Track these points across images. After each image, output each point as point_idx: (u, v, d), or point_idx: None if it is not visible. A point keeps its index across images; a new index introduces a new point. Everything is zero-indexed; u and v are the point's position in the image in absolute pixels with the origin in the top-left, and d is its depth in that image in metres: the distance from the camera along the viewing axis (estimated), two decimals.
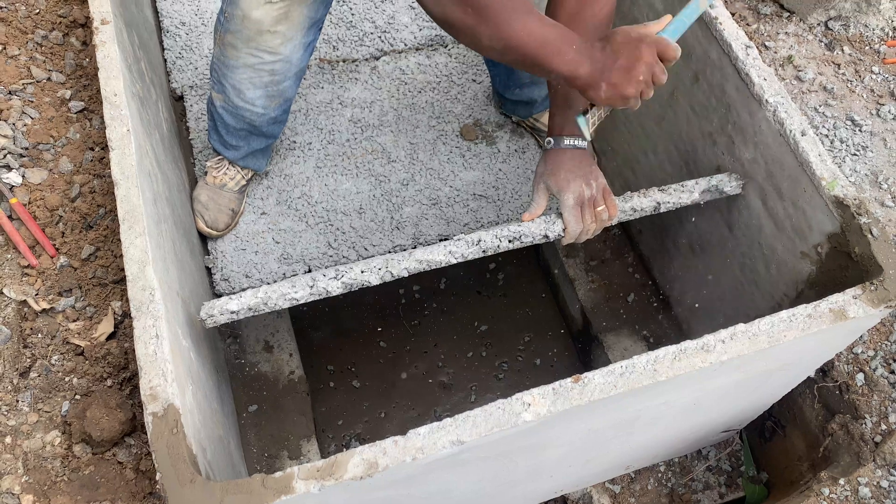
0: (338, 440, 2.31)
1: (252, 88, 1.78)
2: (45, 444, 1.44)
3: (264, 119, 1.88)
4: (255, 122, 1.88)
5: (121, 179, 1.43)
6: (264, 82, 1.76)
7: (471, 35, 1.24)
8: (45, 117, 1.87)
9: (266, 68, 1.73)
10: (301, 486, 1.12)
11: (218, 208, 2.07)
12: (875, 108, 2.13)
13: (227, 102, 1.83)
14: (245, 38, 1.67)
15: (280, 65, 1.73)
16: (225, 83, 1.79)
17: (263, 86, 1.77)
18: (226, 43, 1.70)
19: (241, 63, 1.72)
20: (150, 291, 1.30)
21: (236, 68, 1.74)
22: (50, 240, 1.69)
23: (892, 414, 1.65)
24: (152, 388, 1.21)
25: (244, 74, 1.74)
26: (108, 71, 1.58)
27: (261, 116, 1.86)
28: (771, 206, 1.66)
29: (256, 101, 1.81)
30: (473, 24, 1.22)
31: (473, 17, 1.21)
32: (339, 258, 2.12)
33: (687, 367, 1.24)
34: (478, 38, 1.23)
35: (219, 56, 1.76)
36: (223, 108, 1.87)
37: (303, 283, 1.52)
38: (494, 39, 1.23)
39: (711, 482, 1.98)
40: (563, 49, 1.24)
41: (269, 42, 1.67)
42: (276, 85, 1.78)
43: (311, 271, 2.09)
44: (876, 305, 1.34)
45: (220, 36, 1.72)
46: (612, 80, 1.24)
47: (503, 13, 1.21)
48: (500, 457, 1.34)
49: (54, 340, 1.57)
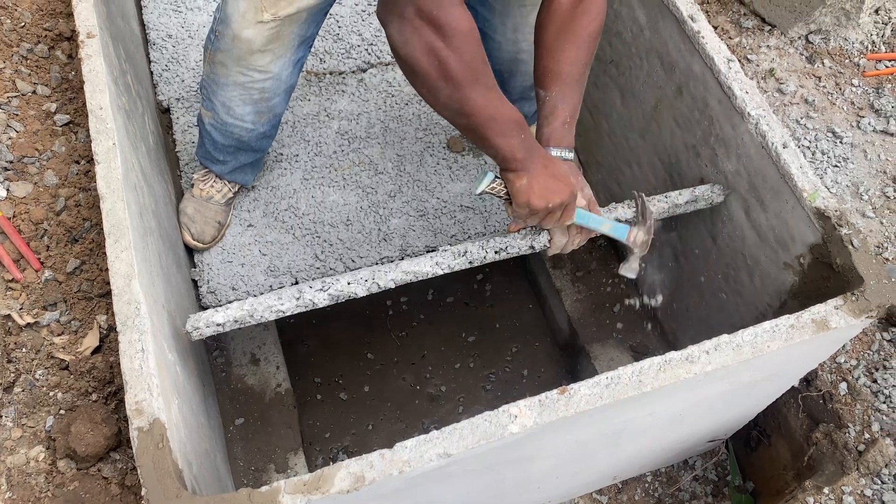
0: (325, 453, 2.30)
1: (241, 105, 1.78)
2: (28, 459, 1.43)
3: (253, 135, 1.88)
4: (243, 137, 1.89)
5: (106, 193, 1.42)
6: (254, 99, 1.77)
7: (429, 87, 1.21)
8: (30, 130, 1.87)
9: (256, 86, 1.74)
10: (288, 500, 1.11)
11: (204, 221, 2.06)
12: (855, 120, 2.16)
13: (216, 119, 1.84)
14: (235, 58, 1.67)
15: (270, 83, 1.74)
16: (214, 100, 1.79)
17: (253, 102, 1.78)
18: (216, 61, 1.71)
19: (231, 81, 1.73)
20: (136, 305, 1.30)
21: (226, 86, 1.74)
22: (35, 253, 1.68)
23: (874, 423, 1.66)
24: (138, 402, 1.20)
25: (234, 92, 1.75)
26: (93, 84, 1.58)
27: (250, 132, 1.87)
28: (754, 217, 1.68)
29: (246, 117, 1.81)
30: (436, 77, 1.19)
31: (438, 70, 1.18)
32: (327, 270, 2.12)
33: (672, 378, 1.25)
34: (435, 92, 1.21)
35: (208, 74, 1.76)
36: (212, 125, 1.87)
37: (289, 295, 1.52)
38: (452, 100, 1.21)
39: (698, 492, 1.99)
40: (511, 132, 1.28)
41: (260, 61, 1.67)
42: (265, 102, 1.79)
43: (298, 283, 2.09)
44: (857, 316, 1.36)
45: (210, 54, 1.72)
46: (534, 182, 1.33)
47: (468, 77, 1.20)
48: (487, 469, 1.34)
49: (39, 355, 1.56)
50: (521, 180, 1.33)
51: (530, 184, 1.33)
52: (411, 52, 1.17)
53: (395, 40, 1.18)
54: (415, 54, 1.17)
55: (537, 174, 1.33)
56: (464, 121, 1.25)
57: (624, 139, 2.15)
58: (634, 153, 2.11)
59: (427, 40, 1.15)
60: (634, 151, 2.11)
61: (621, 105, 2.12)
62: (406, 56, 1.18)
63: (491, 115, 1.25)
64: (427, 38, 1.15)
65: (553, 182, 1.35)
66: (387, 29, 1.19)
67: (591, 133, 2.33)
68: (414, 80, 1.22)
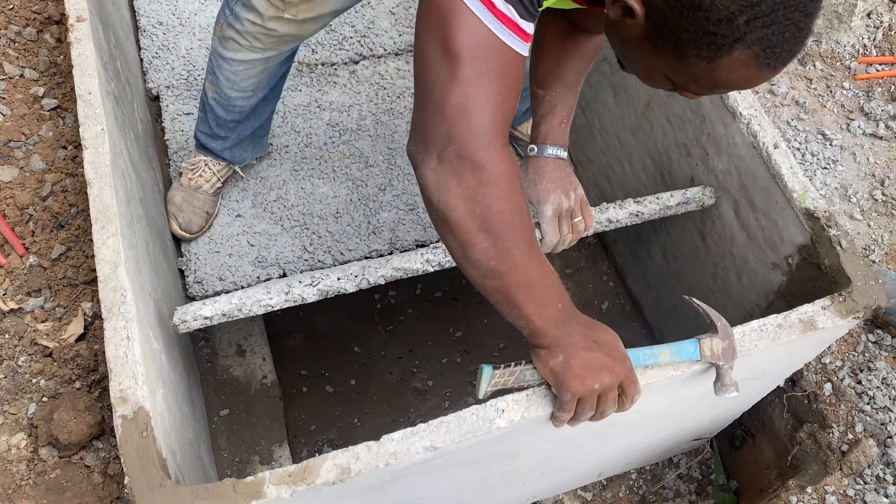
0: (310, 446, 2.29)
1: (246, 79, 1.78)
2: (10, 446, 1.41)
3: (254, 100, 1.88)
4: (245, 108, 1.88)
5: (94, 179, 1.41)
6: (258, 70, 1.77)
7: (463, 240, 1.02)
8: (16, 114, 1.84)
9: (262, 64, 1.75)
10: (273, 490, 1.10)
11: (192, 210, 2.05)
12: (845, 122, 2.17)
13: (220, 94, 1.82)
14: (250, 37, 1.66)
15: (276, 58, 1.75)
16: (219, 75, 1.78)
17: (257, 74, 1.78)
18: (226, 37, 1.69)
19: (239, 58, 1.72)
20: (122, 293, 1.28)
21: (233, 61, 1.73)
22: (19, 239, 1.66)
23: (858, 423, 1.67)
24: (122, 390, 1.19)
25: (239, 67, 1.74)
26: (82, 69, 1.56)
27: (250, 99, 1.86)
28: (743, 217, 1.68)
29: (248, 88, 1.81)
30: (473, 229, 1.01)
31: (477, 221, 1.00)
32: (315, 262, 2.11)
33: (659, 376, 1.25)
34: (469, 246, 1.02)
35: (216, 47, 1.75)
36: (215, 99, 1.85)
37: (278, 289, 1.51)
38: (488, 255, 1.02)
39: (682, 490, 2.00)
40: (548, 300, 1.07)
41: (274, 43, 1.67)
42: (267, 71, 1.79)
43: (286, 275, 2.08)
44: (844, 316, 1.37)
45: (222, 29, 1.69)
46: (573, 361, 1.08)
47: (511, 230, 1.02)
48: (473, 463, 1.34)
49: (22, 341, 1.54)
50: (554, 359, 1.09)
51: (567, 363, 1.08)
52: (447, 198, 1.00)
53: (428, 182, 1.01)
54: (452, 201, 1.00)
55: (576, 349, 1.08)
56: (495, 283, 1.04)
57: (615, 137, 2.15)
58: (626, 151, 2.11)
59: (468, 186, 0.99)
60: (626, 149, 2.11)
61: (613, 103, 2.12)
62: (440, 202, 1.01)
63: (529, 278, 1.05)
64: (468, 183, 0.99)
65: (597, 357, 1.09)
66: (419, 169, 1.02)
67: (582, 130, 2.33)
68: (445, 230, 1.04)
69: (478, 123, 0.98)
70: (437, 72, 0.98)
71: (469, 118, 0.98)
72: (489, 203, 1.00)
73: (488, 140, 0.99)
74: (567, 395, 1.10)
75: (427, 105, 1.00)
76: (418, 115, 1.02)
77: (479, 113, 0.98)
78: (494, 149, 1.00)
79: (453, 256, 1.06)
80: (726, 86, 0.97)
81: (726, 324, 1.27)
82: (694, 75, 0.96)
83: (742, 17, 0.87)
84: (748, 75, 0.93)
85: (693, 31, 0.90)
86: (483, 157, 0.99)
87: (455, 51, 0.96)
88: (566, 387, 1.09)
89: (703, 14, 0.88)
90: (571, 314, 1.10)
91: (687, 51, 0.93)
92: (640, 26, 0.96)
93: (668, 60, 0.97)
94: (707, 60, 0.92)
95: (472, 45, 0.96)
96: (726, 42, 0.89)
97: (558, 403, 1.14)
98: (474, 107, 0.98)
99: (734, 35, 0.88)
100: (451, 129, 0.98)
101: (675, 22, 0.91)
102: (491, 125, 0.99)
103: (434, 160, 1.00)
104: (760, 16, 0.87)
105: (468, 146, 0.98)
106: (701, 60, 0.93)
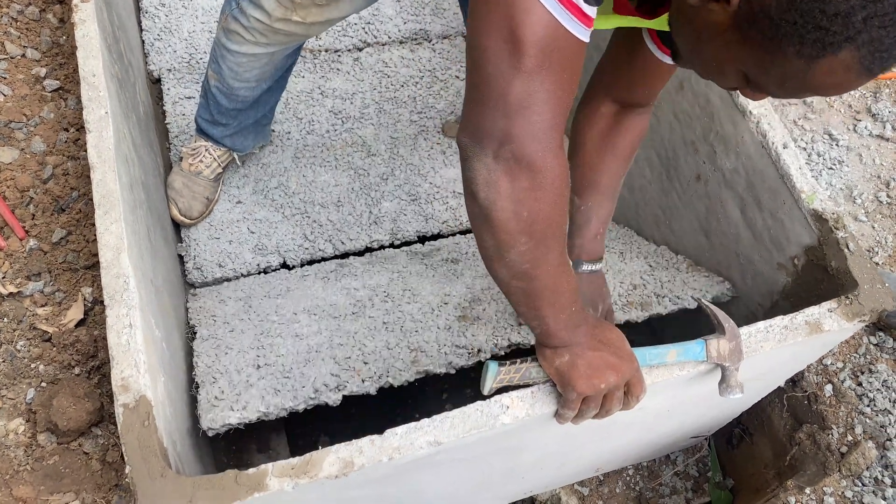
0: (308, 436, 2.29)
1: (250, 70, 1.75)
2: (8, 431, 1.40)
3: (258, 91, 1.85)
4: (248, 97, 1.86)
5: (97, 163, 1.39)
6: (262, 63, 1.74)
7: (502, 240, 0.99)
8: (17, 95, 1.82)
9: (267, 58, 1.72)
10: (275, 483, 1.10)
11: (192, 195, 2.03)
12: (852, 123, 2.16)
13: (222, 83, 1.80)
14: (255, 33, 1.63)
15: (282, 52, 1.73)
16: (222, 64, 1.76)
17: (261, 66, 1.75)
18: (231, 30, 1.66)
19: (243, 51, 1.69)
20: (125, 279, 1.27)
21: (237, 53, 1.70)
22: (20, 221, 1.64)
23: (858, 425, 1.67)
24: (124, 378, 1.18)
25: (242, 59, 1.71)
26: (86, 50, 1.54)
27: (254, 90, 1.84)
28: (750, 216, 1.68)
29: (252, 80, 1.79)
30: (517, 230, 0.98)
31: (523, 223, 0.97)
32: (315, 251, 2.10)
33: (664, 375, 1.25)
34: (508, 247, 0.99)
35: (220, 39, 1.72)
36: (217, 88, 1.83)
37: (303, 395, 1.53)
38: (524, 258, 1.00)
39: (678, 487, 2.00)
40: (565, 305, 1.06)
41: (281, 39, 1.65)
42: (272, 64, 1.76)
43: (285, 263, 2.07)
44: (850, 319, 1.36)
45: (226, 20, 1.66)
46: (579, 361, 1.08)
47: (553, 235, 1.01)
48: (476, 458, 1.34)
49: (21, 325, 1.52)
50: (561, 358, 1.09)
51: (573, 362, 1.08)
52: (496, 197, 0.96)
53: (477, 178, 0.97)
54: (500, 201, 0.96)
55: (583, 348, 1.09)
56: (523, 284, 1.03)
57: None
58: None
59: (520, 188, 0.95)
60: None
61: None
62: (487, 200, 0.97)
63: (556, 283, 1.04)
64: (521, 185, 0.95)
65: (603, 357, 1.09)
66: (470, 162, 0.97)
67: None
68: (484, 227, 1.00)
69: (538, 122, 0.94)
70: (497, 65, 0.92)
71: (530, 116, 0.94)
72: (539, 208, 0.97)
73: (547, 141, 0.95)
74: (572, 394, 1.10)
75: (485, 99, 0.95)
76: (474, 108, 0.97)
77: (539, 110, 0.94)
78: (552, 151, 0.96)
79: (484, 254, 1.03)
80: (816, 89, 0.89)
81: (734, 325, 1.26)
82: (783, 74, 0.88)
83: (860, 13, 0.78)
84: (845, 80, 0.85)
85: (801, 25, 0.81)
86: (540, 160, 0.95)
87: (520, 41, 0.90)
88: (572, 386, 1.09)
89: (818, 6, 0.79)
90: (582, 316, 1.09)
91: (785, 46, 0.84)
92: (728, 13, 0.87)
93: (756, 55, 0.88)
94: (807, 59, 0.83)
95: (538, 35, 0.90)
96: (837, 40, 0.81)
97: (563, 401, 1.13)
98: (536, 103, 0.93)
99: (847, 33, 0.80)
100: (510, 127, 0.94)
101: (780, 13, 0.82)
102: (551, 123, 0.95)
103: (489, 157, 0.95)
104: (880, 14, 0.78)
105: (526, 147, 0.94)
106: (799, 58, 0.84)
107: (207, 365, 1.68)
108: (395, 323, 1.71)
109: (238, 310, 1.86)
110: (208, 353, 1.71)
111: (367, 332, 1.69)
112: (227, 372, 1.62)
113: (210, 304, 1.91)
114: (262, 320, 1.81)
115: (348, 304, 1.82)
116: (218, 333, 1.78)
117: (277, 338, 1.73)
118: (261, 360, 1.66)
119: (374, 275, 1.98)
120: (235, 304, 1.89)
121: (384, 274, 1.97)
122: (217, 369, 1.65)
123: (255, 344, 1.72)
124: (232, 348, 1.71)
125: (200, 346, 1.73)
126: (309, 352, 1.66)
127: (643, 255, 1.97)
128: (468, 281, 1.86)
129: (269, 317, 1.83)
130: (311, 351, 1.66)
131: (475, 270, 1.93)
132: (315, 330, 1.73)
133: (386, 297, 1.83)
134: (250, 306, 1.87)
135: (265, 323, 1.79)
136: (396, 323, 1.71)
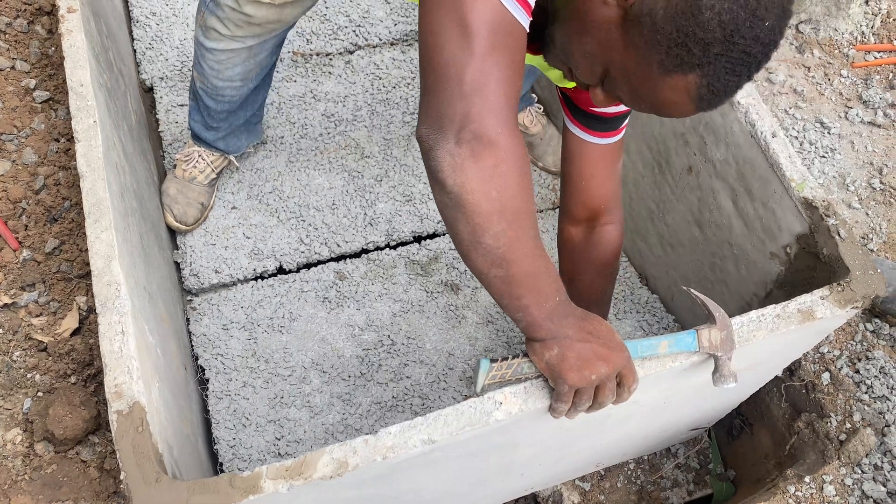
0: None
1: (231, 67, 1.75)
2: (5, 442, 1.41)
3: (244, 91, 1.85)
4: (234, 98, 1.86)
5: (87, 172, 1.40)
6: (242, 58, 1.74)
7: (476, 224, 0.99)
8: (8, 107, 1.83)
9: (245, 53, 1.72)
10: (270, 485, 1.10)
11: (187, 202, 2.03)
12: (843, 111, 2.16)
13: (206, 84, 1.80)
14: (231, 25, 1.64)
15: (259, 46, 1.72)
16: (203, 64, 1.76)
17: (242, 62, 1.75)
18: (208, 26, 1.67)
19: (221, 48, 1.69)
20: (116, 287, 1.27)
21: (216, 51, 1.71)
22: (13, 232, 1.65)
23: (856, 413, 1.67)
24: (117, 385, 1.18)
25: (222, 56, 1.72)
26: (74, 60, 1.55)
27: (240, 89, 1.84)
28: (741, 206, 1.68)
29: (235, 78, 1.79)
30: (489, 211, 0.98)
31: (494, 202, 0.98)
32: (311, 254, 2.10)
33: (657, 367, 1.25)
34: (482, 230, 0.99)
35: (199, 37, 1.72)
36: (202, 90, 1.83)
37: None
38: (499, 241, 1.00)
39: (680, 479, 2.00)
40: (548, 293, 1.06)
41: (256, 31, 1.65)
42: (253, 58, 1.76)
43: (281, 267, 2.07)
44: (843, 306, 1.36)
45: (203, 17, 1.67)
46: (568, 352, 1.07)
47: (524, 214, 1.01)
48: (471, 455, 1.34)
49: (16, 336, 1.53)
50: (550, 351, 1.08)
51: (563, 354, 1.07)
52: (464, 180, 0.96)
53: (443, 166, 0.97)
54: (468, 183, 0.96)
55: (571, 340, 1.07)
56: (501, 272, 1.02)
57: None
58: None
59: (485, 166, 0.96)
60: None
61: None
62: (456, 185, 0.97)
63: (533, 268, 1.03)
64: (486, 163, 0.96)
65: (593, 348, 1.08)
66: (433, 152, 0.97)
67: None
68: (457, 214, 1.00)
69: (494, 101, 0.96)
70: (451, 50, 0.95)
71: (487, 96, 0.95)
72: (505, 184, 0.98)
73: (504, 118, 0.97)
74: (564, 386, 1.09)
75: (441, 85, 0.96)
76: (431, 97, 0.98)
77: (494, 89, 0.96)
78: (508, 127, 0.98)
79: (460, 246, 1.03)
80: (659, 104, 0.99)
81: (724, 314, 1.26)
82: (641, 80, 0.97)
83: (717, 48, 0.88)
84: (682, 102, 0.95)
85: (673, 38, 0.90)
86: (499, 136, 0.96)
87: (470, 25, 0.94)
88: (563, 378, 1.08)
89: (692, 27, 0.88)
90: (568, 308, 1.09)
91: (654, 54, 0.92)
92: (619, 12, 0.95)
93: (628, 56, 0.96)
94: (663, 71, 0.93)
95: (486, 19, 0.94)
96: (691, 62, 0.90)
97: (556, 395, 1.13)
98: (490, 83, 0.96)
99: (700, 59, 0.90)
100: (469, 107, 0.95)
101: (663, 21, 0.90)
102: (505, 102, 0.97)
103: (451, 142, 0.96)
104: (731, 57, 0.89)
105: (487, 124, 0.95)
106: (658, 69, 0.93)
107: (229, 444, 1.76)
108: (405, 399, 1.85)
109: (245, 349, 1.92)
110: (227, 425, 1.79)
111: (378, 408, 1.83)
112: (252, 459, 1.71)
113: (214, 331, 1.93)
114: (273, 373, 1.88)
115: (355, 360, 1.90)
116: (231, 389, 1.84)
117: (291, 408, 1.81)
118: (281, 444, 1.75)
119: (374, 300, 2.01)
120: (240, 336, 1.93)
121: (385, 301, 2.03)
122: (239, 454, 1.75)
123: (272, 416, 1.80)
124: (249, 419, 1.79)
125: (216, 407, 1.80)
126: (326, 432, 1.74)
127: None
128: (470, 330, 2.01)
129: (278, 367, 1.88)
130: (328, 434, 1.74)
131: (475, 313, 2.04)
132: (327, 401, 1.81)
133: (391, 348, 1.94)
134: (256, 341, 1.92)
135: (276, 378, 1.87)
136: (406, 400, 1.85)
